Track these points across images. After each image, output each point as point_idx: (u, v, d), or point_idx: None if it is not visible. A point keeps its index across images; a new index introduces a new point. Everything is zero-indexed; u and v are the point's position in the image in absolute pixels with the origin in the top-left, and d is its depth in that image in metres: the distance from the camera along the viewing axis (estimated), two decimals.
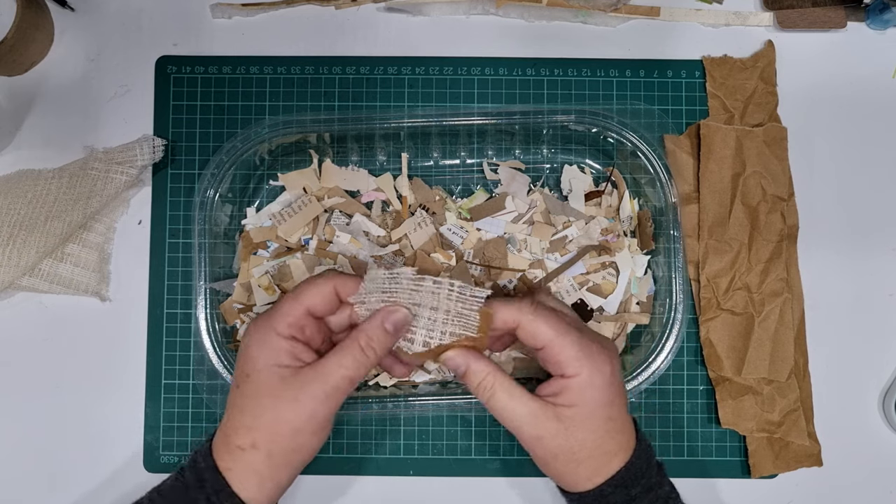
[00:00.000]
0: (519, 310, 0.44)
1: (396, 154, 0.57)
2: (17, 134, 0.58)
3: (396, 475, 0.56)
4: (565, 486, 0.46)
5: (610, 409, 0.44)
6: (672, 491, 0.47)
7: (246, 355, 0.44)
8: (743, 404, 0.55)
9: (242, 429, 0.43)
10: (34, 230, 0.54)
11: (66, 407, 0.56)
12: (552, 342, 0.44)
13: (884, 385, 0.57)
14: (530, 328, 0.44)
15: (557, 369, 0.44)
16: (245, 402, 0.43)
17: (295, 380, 0.43)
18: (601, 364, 0.44)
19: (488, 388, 0.44)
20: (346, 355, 0.43)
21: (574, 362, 0.43)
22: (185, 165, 0.58)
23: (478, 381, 0.45)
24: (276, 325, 0.44)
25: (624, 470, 0.44)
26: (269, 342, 0.43)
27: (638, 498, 0.45)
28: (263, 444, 0.42)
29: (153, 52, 0.59)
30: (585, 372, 0.43)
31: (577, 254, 0.55)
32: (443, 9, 0.59)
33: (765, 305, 0.55)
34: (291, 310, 0.44)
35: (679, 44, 0.59)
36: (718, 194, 0.56)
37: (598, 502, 0.45)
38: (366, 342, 0.43)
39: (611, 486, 0.44)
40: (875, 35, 0.60)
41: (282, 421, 0.42)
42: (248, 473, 0.43)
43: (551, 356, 0.44)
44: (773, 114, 0.58)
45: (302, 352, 0.44)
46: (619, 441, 0.45)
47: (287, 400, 0.42)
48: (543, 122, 0.54)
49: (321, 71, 0.58)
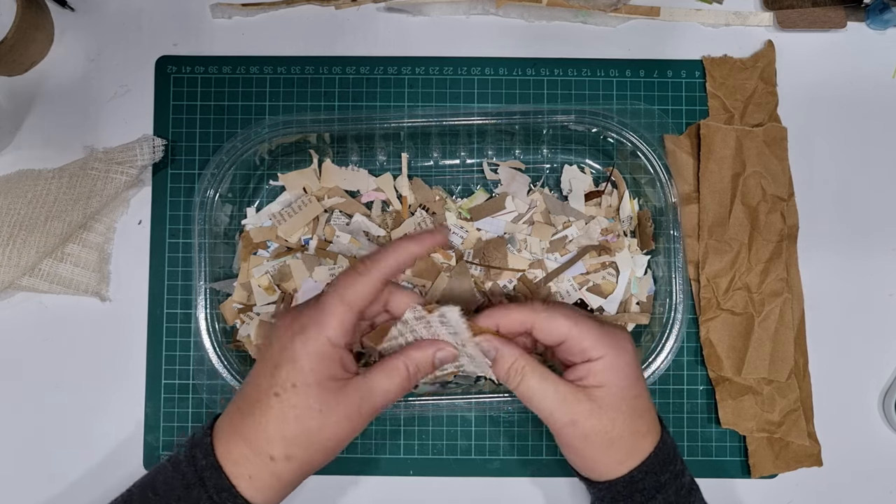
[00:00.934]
0: (532, 310, 0.44)
1: (396, 154, 0.57)
2: (17, 134, 0.58)
3: (396, 475, 0.56)
4: (595, 473, 0.45)
5: (636, 386, 0.44)
6: (693, 482, 0.47)
7: (296, 365, 0.41)
8: (743, 404, 0.55)
9: (279, 440, 0.41)
10: (34, 230, 0.54)
11: (66, 407, 0.56)
12: (571, 332, 0.44)
13: (884, 385, 0.57)
14: (546, 325, 0.44)
15: (581, 356, 0.44)
16: (288, 414, 0.41)
17: (344, 395, 0.41)
18: (623, 346, 0.44)
19: (519, 370, 0.44)
20: (395, 377, 0.43)
21: (597, 345, 0.43)
22: (185, 165, 0.58)
23: (508, 365, 0.44)
24: (329, 333, 0.41)
25: (654, 454, 0.44)
26: (324, 353, 0.41)
27: (667, 485, 0.44)
28: (300, 458, 0.41)
29: (153, 52, 0.59)
30: (610, 353, 0.43)
31: (577, 254, 0.55)
32: (443, 9, 0.59)
33: (765, 305, 0.55)
34: (345, 317, 0.42)
35: (679, 44, 0.59)
36: (718, 194, 0.56)
37: (629, 489, 0.44)
38: (414, 371, 0.43)
39: (642, 471, 0.44)
40: (875, 35, 0.60)
41: (327, 438, 0.41)
42: (271, 482, 0.42)
43: (573, 346, 0.44)
44: (773, 114, 0.58)
45: (350, 362, 0.43)
46: (648, 421, 0.45)
47: (336, 415, 0.41)
48: (543, 122, 0.54)
49: (321, 71, 0.58)
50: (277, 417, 0.41)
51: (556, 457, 0.56)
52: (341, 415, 0.41)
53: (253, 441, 0.41)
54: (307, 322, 0.42)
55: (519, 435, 0.56)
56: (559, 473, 0.56)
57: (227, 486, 0.41)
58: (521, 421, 0.56)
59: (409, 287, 0.54)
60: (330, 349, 0.41)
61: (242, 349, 0.55)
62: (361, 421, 0.42)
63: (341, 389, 0.41)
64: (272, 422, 0.41)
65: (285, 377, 0.41)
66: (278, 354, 0.42)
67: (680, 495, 0.45)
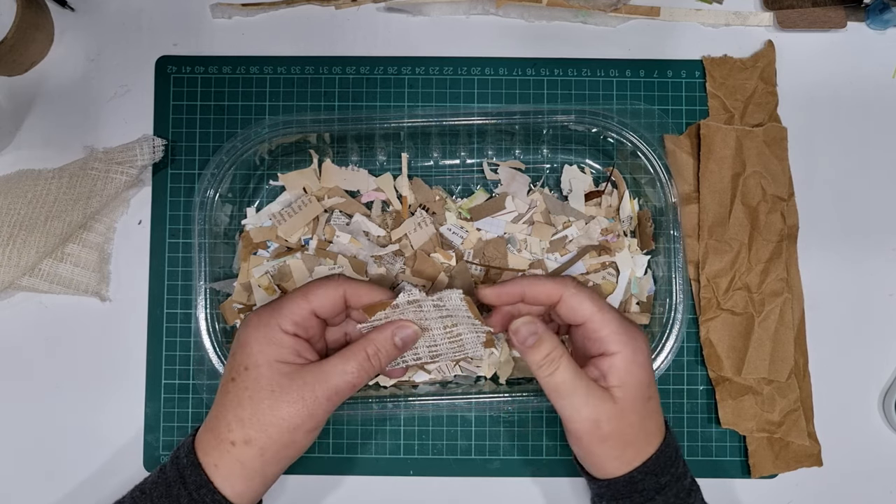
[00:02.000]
0: (563, 284, 0.45)
1: (396, 154, 0.57)
2: (17, 134, 0.58)
3: (396, 475, 0.56)
4: (600, 470, 0.45)
5: (649, 388, 0.45)
6: (693, 483, 0.47)
7: (246, 349, 0.43)
8: (743, 404, 0.55)
9: (236, 423, 0.42)
10: (34, 230, 0.54)
11: (66, 407, 0.56)
12: (593, 317, 0.44)
13: (884, 385, 0.57)
14: (572, 302, 0.44)
15: (598, 346, 0.44)
16: (242, 396, 0.43)
17: (297, 377, 0.42)
18: (639, 345, 0.44)
19: (555, 360, 0.43)
20: (351, 361, 0.43)
21: (616, 337, 0.44)
22: (185, 165, 0.58)
23: (546, 353, 0.44)
24: (280, 321, 0.43)
25: (656, 455, 0.44)
26: (272, 337, 0.43)
27: (667, 487, 0.44)
28: (257, 440, 0.42)
29: (153, 52, 0.59)
30: (629, 349, 0.44)
31: (577, 254, 0.55)
32: (443, 9, 0.59)
33: (765, 305, 0.55)
34: (298, 308, 0.44)
35: (679, 44, 0.59)
36: (718, 194, 0.56)
37: (628, 489, 0.44)
38: (374, 352, 0.44)
39: (642, 471, 0.44)
40: (875, 35, 0.60)
41: (280, 418, 0.42)
42: (236, 469, 0.42)
43: (592, 332, 0.44)
44: (773, 114, 0.58)
45: (305, 349, 0.44)
46: (657, 422, 0.45)
47: (288, 397, 0.42)
48: (543, 122, 0.54)
49: (321, 71, 0.58)
50: (233, 401, 0.43)
51: (555, 456, 0.56)
52: (294, 395, 0.42)
53: (215, 429, 0.43)
54: (264, 312, 0.44)
55: (519, 435, 0.56)
56: (559, 473, 0.56)
57: (205, 482, 0.42)
58: (521, 421, 0.56)
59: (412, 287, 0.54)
60: (279, 335, 0.43)
61: None
62: (318, 404, 0.42)
63: (295, 372, 0.43)
64: (229, 406, 0.43)
65: (239, 361, 0.43)
66: (236, 344, 0.44)
67: (679, 497, 0.45)
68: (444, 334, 0.46)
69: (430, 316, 0.45)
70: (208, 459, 0.43)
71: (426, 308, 0.45)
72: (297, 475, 0.56)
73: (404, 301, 0.45)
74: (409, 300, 0.45)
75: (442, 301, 0.45)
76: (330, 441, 0.56)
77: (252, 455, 0.42)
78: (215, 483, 0.42)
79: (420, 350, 0.47)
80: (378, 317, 0.45)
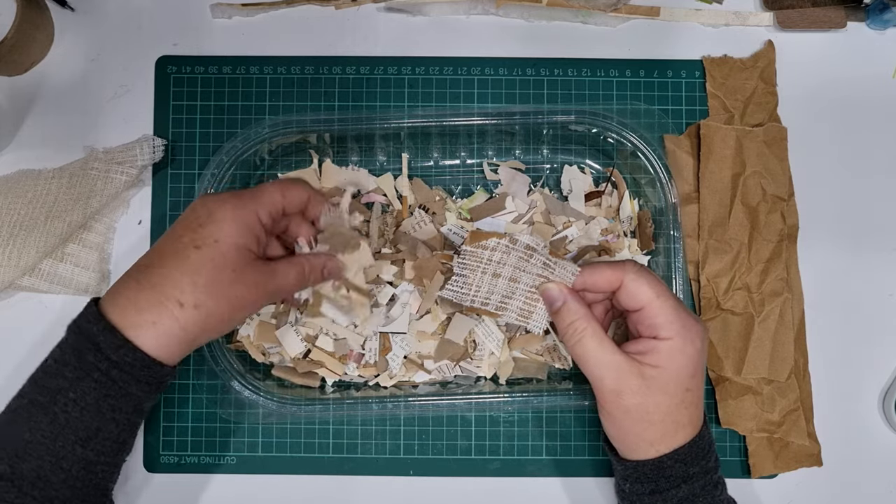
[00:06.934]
0: (624, 269, 0.46)
1: (396, 154, 0.57)
2: (17, 134, 0.58)
3: (396, 475, 0.56)
4: (626, 448, 0.46)
5: (691, 380, 0.45)
6: (721, 479, 0.47)
7: (220, 224, 0.44)
8: (743, 404, 0.55)
9: (190, 286, 0.42)
10: (34, 230, 0.54)
11: None
12: (652, 303, 0.45)
13: (884, 385, 0.57)
14: (633, 287, 0.45)
15: (651, 331, 0.45)
16: (204, 264, 0.43)
17: (256, 267, 0.44)
18: (694, 335, 0.45)
19: (579, 330, 0.45)
20: (291, 269, 0.46)
21: (669, 326, 0.44)
22: (185, 165, 0.58)
23: (570, 321, 0.45)
24: (259, 209, 0.45)
25: (688, 446, 0.45)
26: (249, 222, 0.44)
27: (694, 478, 0.45)
28: (206, 307, 0.43)
29: (153, 52, 0.59)
30: (679, 338, 0.44)
31: (578, 254, 0.55)
32: (443, 9, 0.59)
33: (765, 305, 0.55)
34: (275, 202, 0.46)
35: (679, 44, 0.59)
36: (718, 194, 0.56)
37: (656, 473, 0.45)
38: (309, 270, 0.47)
39: (672, 458, 0.45)
40: (875, 35, 0.60)
41: (235, 296, 0.43)
42: (174, 329, 0.42)
43: (647, 317, 0.45)
44: (773, 114, 0.58)
45: (261, 244, 0.46)
46: (691, 414, 0.45)
47: (246, 280, 0.44)
48: (543, 122, 0.54)
49: (321, 71, 0.58)
50: (192, 268, 0.43)
51: (555, 457, 0.56)
52: (251, 280, 0.44)
53: (160, 287, 0.42)
54: (243, 195, 0.45)
55: (519, 435, 0.56)
56: (559, 473, 0.56)
57: (124, 342, 0.42)
58: (521, 421, 0.56)
59: (412, 288, 0.54)
60: (255, 222, 0.45)
61: (242, 349, 0.55)
62: (266, 295, 0.45)
63: (254, 261, 0.45)
64: (187, 271, 0.43)
65: (209, 234, 0.43)
66: (205, 216, 0.44)
67: (706, 490, 0.46)
68: (527, 293, 0.48)
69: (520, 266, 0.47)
70: (145, 317, 0.42)
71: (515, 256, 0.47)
72: (298, 475, 0.56)
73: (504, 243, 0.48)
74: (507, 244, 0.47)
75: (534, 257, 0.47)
76: (330, 441, 0.56)
77: (195, 320, 0.42)
78: (144, 345, 0.42)
79: (493, 296, 0.48)
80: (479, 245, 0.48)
